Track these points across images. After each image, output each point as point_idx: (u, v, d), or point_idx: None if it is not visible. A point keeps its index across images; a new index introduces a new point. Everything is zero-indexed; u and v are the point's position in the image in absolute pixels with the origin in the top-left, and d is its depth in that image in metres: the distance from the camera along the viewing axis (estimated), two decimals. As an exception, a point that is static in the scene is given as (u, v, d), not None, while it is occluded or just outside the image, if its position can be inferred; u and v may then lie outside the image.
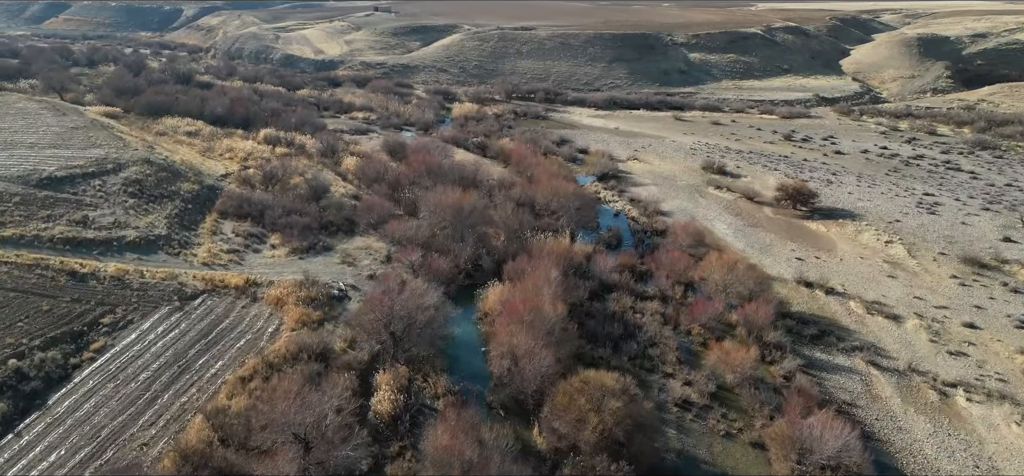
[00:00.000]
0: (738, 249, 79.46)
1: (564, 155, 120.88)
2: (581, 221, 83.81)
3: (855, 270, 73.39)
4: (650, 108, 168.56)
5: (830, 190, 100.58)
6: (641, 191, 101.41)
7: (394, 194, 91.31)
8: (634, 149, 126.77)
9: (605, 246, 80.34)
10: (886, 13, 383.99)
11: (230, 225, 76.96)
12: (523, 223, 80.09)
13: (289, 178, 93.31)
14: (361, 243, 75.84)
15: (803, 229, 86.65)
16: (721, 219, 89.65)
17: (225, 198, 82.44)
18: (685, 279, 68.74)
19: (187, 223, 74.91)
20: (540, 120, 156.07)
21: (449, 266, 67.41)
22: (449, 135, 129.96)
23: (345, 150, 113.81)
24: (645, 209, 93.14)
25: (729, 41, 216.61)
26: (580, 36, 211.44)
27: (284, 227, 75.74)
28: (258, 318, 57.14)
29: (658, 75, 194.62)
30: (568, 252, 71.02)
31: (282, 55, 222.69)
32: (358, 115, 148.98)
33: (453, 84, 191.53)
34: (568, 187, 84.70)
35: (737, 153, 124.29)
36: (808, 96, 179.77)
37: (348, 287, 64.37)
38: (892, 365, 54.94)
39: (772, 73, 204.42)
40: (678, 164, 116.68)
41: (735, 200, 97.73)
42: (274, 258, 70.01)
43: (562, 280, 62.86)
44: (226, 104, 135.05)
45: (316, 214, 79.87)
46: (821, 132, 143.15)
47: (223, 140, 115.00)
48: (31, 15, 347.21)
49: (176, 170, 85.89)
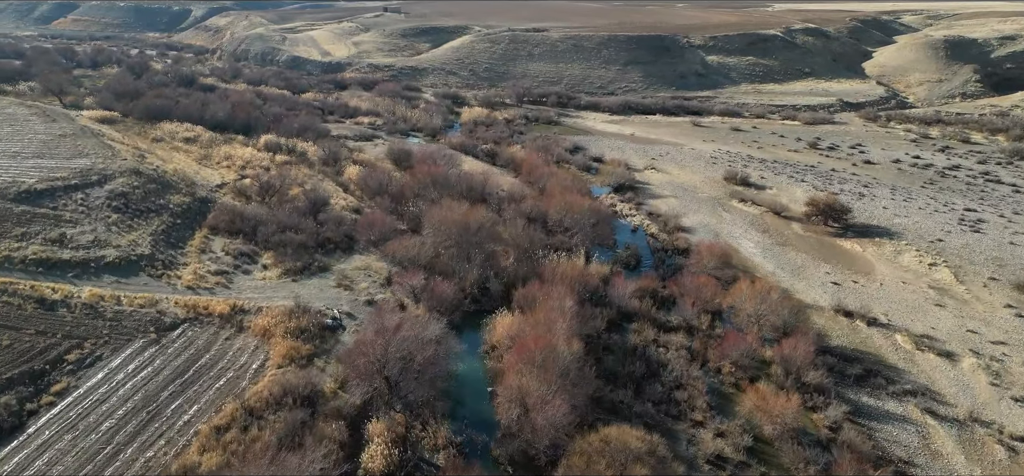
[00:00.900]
0: (767, 271, 73.34)
1: (577, 164, 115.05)
2: (597, 238, 78.08)
3: (898, 297, 67.02)
4: (667, 113, 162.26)
5: (863, 204, 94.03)
6: (660, 204, 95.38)
7: (397, 207, 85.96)
8: (651, 157, 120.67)
9: (623, 267, 74.56)
10: (906, 14, 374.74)
11: (220, 242, 71.82)
12: (534, 241, 74.42)
13: (287, 189, 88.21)
14: (360, 263, 70.49)
15: (837, 249, 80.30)
16: (747, 237, 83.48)
17: (218, 212, 77.33)
18: (712, 307, 62.87)
19: (174, 240, 69.83)
20: (552, 125, 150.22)
21: (454, 291, 61.91)
22: (457, 142, 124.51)
23: (348, 158, 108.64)
24: (665, 225, 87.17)
25: (748, 43, 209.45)
26: (594, 38, 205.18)
27: (278, 245, 70.52)
28: (242, 352, 51.82)
29: (674, 78, 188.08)
30: (583, 275, 65.28)
31: (288, 57, 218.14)
32: (363, 120, 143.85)
33: (462, 87, 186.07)
34: (582, 202, 78.91)
35: (760, 162, 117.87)
36: (831, 101, 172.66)
37: (343, 315, 58.95)
38: (950, 413, 48.71)
39: (793, 76, 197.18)
40: (698, 174, 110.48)
41: (761, 215, 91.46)
42: (265, 280, 64.73)
43: (577, 309, 57.27)
44: (227, 109, 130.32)
45: (313, 231, 74.57)
46: (848, 139, 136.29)
47: (222, 147, 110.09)
48: (40, 15, 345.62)
49: (166, 181, 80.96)
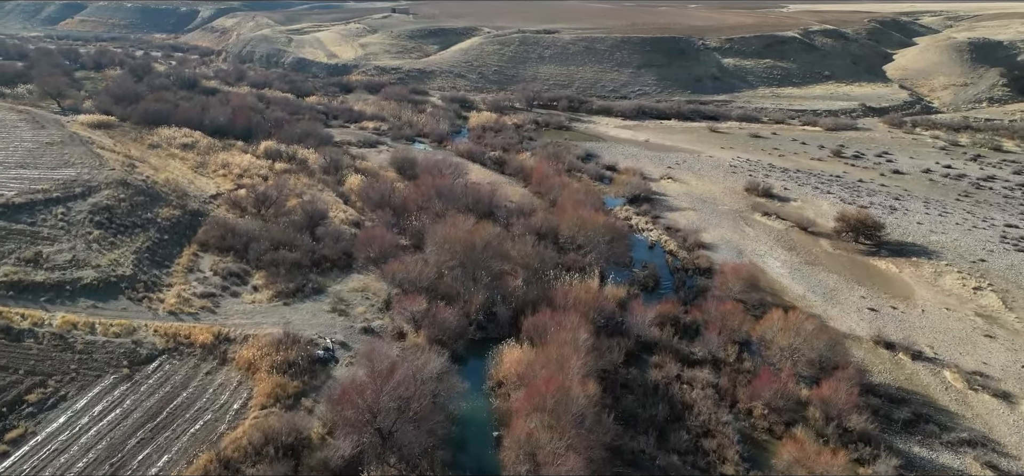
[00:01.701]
0: (797, 294, 67.85)
1: (590, 173, 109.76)
2: (612, 257, 72.79)
3: (943, 326, 61.36)
4: (682, 118, 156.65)
5: (895, 219, 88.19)
6: (678, 217, 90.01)
7: (399, 221, 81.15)
8: (667, 166, 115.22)
9: (641, 289, 69.32)
10: (925, 15, 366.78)
11: (210, 260, 67.24)
12: (545, 260, 69.36)
13: (284, 201, 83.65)
14: (357, 283, 65.66)
15: (870, 269, 74.61)
16: (773, 255, 77.96)
17: (208, 226, 72.79)
18: (739, 336, 57.56)
19: (160, 258, 65.27)
20: (563, 131, 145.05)
21: (457, 317, 57.04)
22: (464, 149, 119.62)
23: (350, 166, 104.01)
24: (684, 241, 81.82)
25: (765, 45, 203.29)
26: (606, 40, 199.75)
27: (270, 264, 65.83)
28: (223, 389, 47.08)
29: (690, 82, 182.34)
30: (598, 300, 60.11)
31: (294, 59, 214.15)
32: (368, 125, 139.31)
33: (471, 91, 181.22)
34: (597, 218, 73.69)
35: (782, 172, 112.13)
36: (853, 106, 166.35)
37: (336, 345, 54.11)
38: (1015, 469, 43.18)
39: (812, 80, 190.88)
40: (718, 184, 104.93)
41: (786, 230, 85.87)
42: (255, 304, 60.01)
43: (592, 341, 52.16)
44: (227, 113, 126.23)
45: (308, 248, 69.85)
46: (873, 147, 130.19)
47: (219, 154, 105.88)
48: (47, 16, 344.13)
49: (156, 193, 76.49)
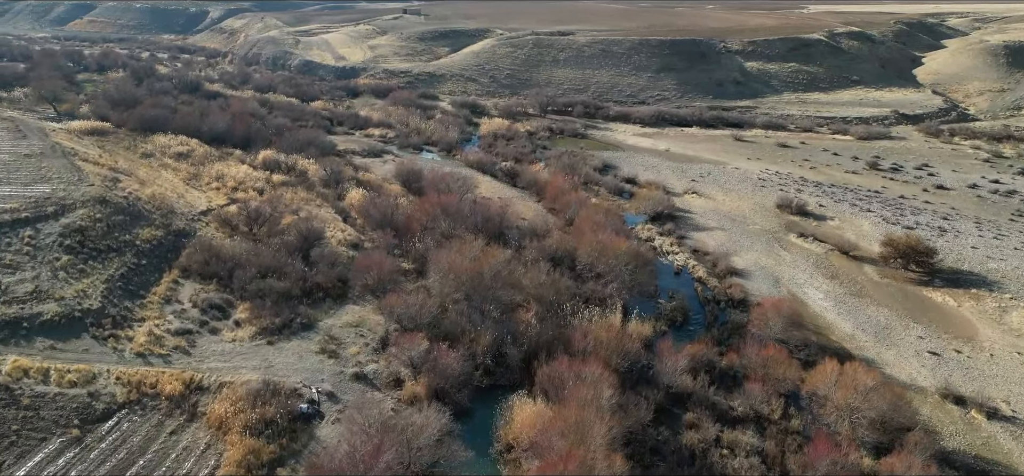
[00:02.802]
0: (845, 332, 60.33)
1: (608, 187, 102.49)
2: (635, 286, 65.52)
3: (1017, 375, 53.61)
4: (704, 125, 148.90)
5: (947, 243, 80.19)
6: (706, 238, 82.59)
7: (402, 243, 74.49)
8: (691, 179, 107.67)
9: (668, 323, 62.18)
10: (951, 17, 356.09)
11: (190, 289, 60.86)
12: (561, 291, 62.33)
13: (279, 218, 77.27)
14: (352, 316, 59.04)
15: (925, 302, 66.79)
16: (813, 283, 70.36)
17: (192, 249, 66.40)
18: (785, 387, 50.21)
19: (134, 287, 58.94)
20: (578, 139, 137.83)
21: (462, 361, 50.19)
22: (474, 159, 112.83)
23: (352, 178, 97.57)
24: (714, 266, 74.44)
25: (789, 48, 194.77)
26: (623, 42, 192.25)
27: (256, 295, 59.26)
28: (187, 454, 40.53)
29: (711, 87, 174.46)
30: (621, 341, 53.03)
31: (301, 61, 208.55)
32: (374, 132, 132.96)
33: (482, 95, 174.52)
34: (618, 243, 66.47)
35: (816, 186, 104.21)
36: (885, 113, 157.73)
37: (322, 396, 47.42)
38: None
39: (839, 85, 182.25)
40: (746, 200, 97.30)
41: (826, 255, 78.17)
42: (235, 343, 53.49)
43: (617, 398, 45.13)
44: (227, 120, 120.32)
45: (300, 274, 63.32)
46: (911, 159, 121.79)
47: (215, 164, 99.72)
48: (56, 16, 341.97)
49: (137, 212, 70.22)
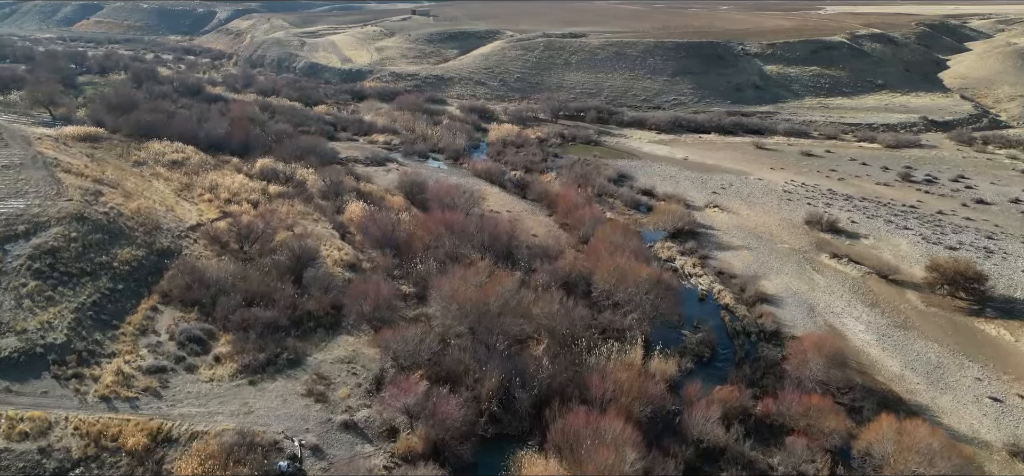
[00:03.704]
0: (892, 371, 54.16)
1: (624, 199, 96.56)
2: (657, 315, 59.58)
3: (1095, 428, 47.30)
4: (723, 131, 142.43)
5: (995, 266, 73.58)
6: (731, 259, 76.48)
7: (402, 263, 69.02)
8: (712, 191, 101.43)
9: (693, 359, 56.24)
10: (973, 18, 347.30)
11: (169, 317, 55.64)
12: (575, 322, 56.55)
13: (272, 235, 71.99)
14: (344, 350, 53.61)
15: (978, 336, 60.39)
16: (852, 313, 64.11)
17: (175, 272, 61.19)
18: (832, 442, 44.16)
19: (107, 316, 53.73)
20: (591, 146, 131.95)
21: (464, 407, 44.68)
22: (482, 168, 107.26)
23: (353, 190, 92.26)
24: (741, 291, 68.36)
25: (810, 51, 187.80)
26: (638, 45, 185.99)
27: (239, 326, 53.89)
28: (146, 527, 35.16)
29: (729, 91, 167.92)
30: (643, 386, 47.24)
31: (306, 64, 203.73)
32: (378, 138, 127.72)
33: (492, 99, 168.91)
34: (638, 269, 60.52)
35: (845, 200, 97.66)
36: (913, 119, 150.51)
37: (306, 450, 41.94)
38: None
39: (863, 89, 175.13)
40: (772, 215, 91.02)
41: (863, 278, 71.84)
42: (213, 382, 48.14)
43: (641, 459, 39.37)
44: (225, 126, 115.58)
45: (289, 301, 57.94)
46: (945, 169, 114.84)
47: (210, 173, 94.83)
48: (63, 17, 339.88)
49: (117, 229, 65.06)
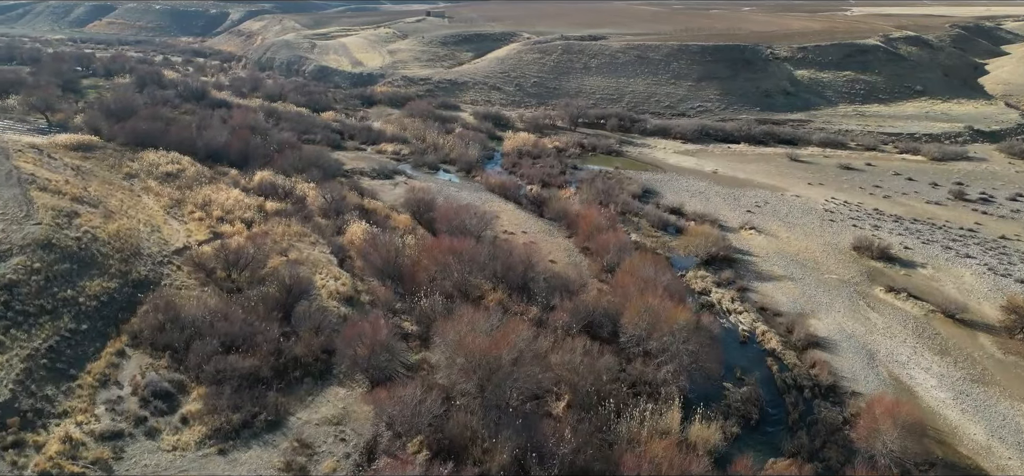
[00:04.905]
0: (977, 441, 45.81)
1: (650, 218, 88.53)
2: (695, 365, 51.62)
3: None
4: (753, 141, 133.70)
5: (1079, 305, 64.67)
6: (773, 291, 68.24)
7: (405, 296, 61.74)
8: (746, 209, 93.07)
9: (739, 421, 48.25)
10: (1007, 19, 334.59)
11: (135, 366, 48.68)
12: (601, 375, 48.87)
13: (263, 260, 65.05)
14: (334, 407, 46.35)
15: (1072, 394, 51.83)
16: (920, 362, 55.68)
17: (149, 308, 54.29)
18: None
19: (65, 364, 46.88)
20: (613, 157, 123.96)
21: (471, 491, 37.19)
22: (495, 182, 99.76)
23: (357, 206, 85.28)
24: (788, 332, 60.19)
25: (844, 55, 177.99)
26: (661, 48, 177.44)
27: (214, 377, 46.78)
28: None
29: (758, 97, 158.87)
30: (684, 464, 39.45)
31: (315, 67, 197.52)
32: (387, 148, 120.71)
33: (507, 105, 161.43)
34: (675, 312, 52.50)
35: (895, 222, 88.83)
36: (957, 129, 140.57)
37: (277, 550, 34.71)
38: None
39: (901, 95, 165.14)
40: (815, 239, 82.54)
41: (926, 317, 63.29)
42: (176, 452, 41.02)
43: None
44: (225, 135, 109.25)
45: (273, 346, 50.77)
46: (1000, 186, 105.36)
47: (205, 187, 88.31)
48: (76, 18, 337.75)
49: (89, 257, 58.37)
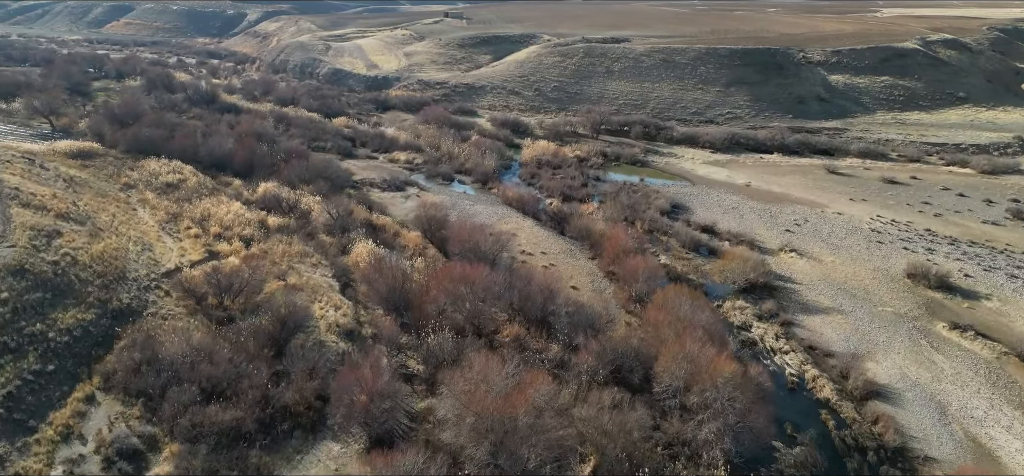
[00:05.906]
0: (1080, 527, 38.61)
1: (680, 238, 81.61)
2: (740, 424, 44.75)
3: None
4: (786, 151, 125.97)
5: None
6: (822, 327, 61.08)
7: (411, 330, 55.67)
8: (784, 228, 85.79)
9: (794, 494, 41.47)
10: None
11: (104, 415, 43.14)
12: (632, 436, 42.35)
13: (259, 285, 59.44)
14: (324, 468, 40.37)
15: None
16: (999, 419, 48.36)
17: (128, 343, 48.91)
18: None
19: (25, 413, 41.47)
20: (638, 167, 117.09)
21: None
22: (513, 195, 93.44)
23: (364, 222, 79.50)
24: (843, 377, 53.12)
25: (880, 59, 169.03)
26: (687, 52, 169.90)
27: (189, 434, 41.09)
28: None
29: (790, 104, 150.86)
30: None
31: (329, 69, 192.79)
32: (400, 156, 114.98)
33: (526, 111, 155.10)
34: (719, 363, 45.67)
35: (950, 245, 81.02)
36: (1007, 139, 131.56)
37: None
38: None
39: (942, 102, 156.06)
40: (863, 264, 75.10)
41: (999, 361, 55.84)
42: (138, 528, 35.35)
43: None
44: (230, 142, 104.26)
45: (261, 393, 44.94)
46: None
47: (205, 200, 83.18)
48: (94, 18, 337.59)
49: (65, 284, 53.07)
